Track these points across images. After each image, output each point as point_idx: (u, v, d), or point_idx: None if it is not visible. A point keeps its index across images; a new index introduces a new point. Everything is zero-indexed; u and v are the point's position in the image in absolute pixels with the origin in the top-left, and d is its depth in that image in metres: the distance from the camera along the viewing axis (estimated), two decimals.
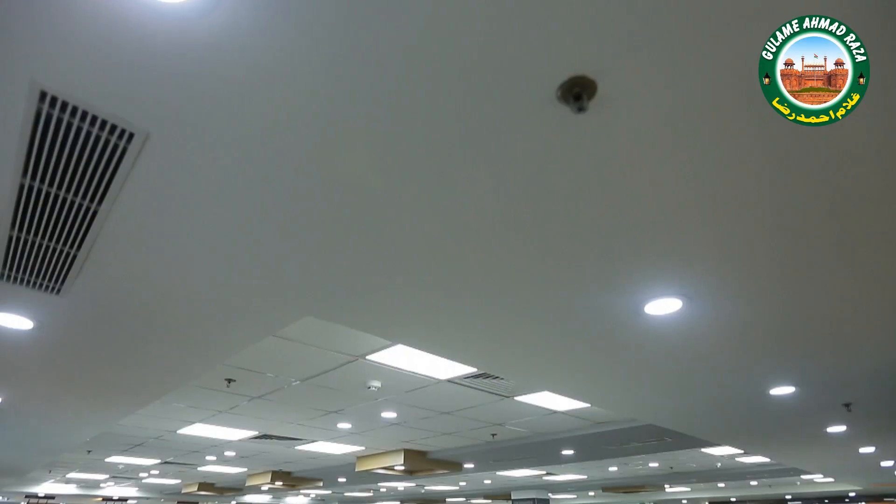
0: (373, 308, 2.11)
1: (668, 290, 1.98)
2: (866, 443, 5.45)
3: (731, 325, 2.29)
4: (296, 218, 1.55)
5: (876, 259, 1.78)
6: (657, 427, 4.77)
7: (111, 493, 14.72)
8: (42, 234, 1.69)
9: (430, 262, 1.78)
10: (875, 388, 3.36)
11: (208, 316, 2.24)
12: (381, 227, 1.59)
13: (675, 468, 9.02)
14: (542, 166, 1.34)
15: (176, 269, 1.88)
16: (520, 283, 1.92)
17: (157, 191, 1.47)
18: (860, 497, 12.62)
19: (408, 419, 5.26)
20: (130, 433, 6.32)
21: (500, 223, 1.56)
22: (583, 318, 2.23)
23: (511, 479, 10.15)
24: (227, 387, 4.13)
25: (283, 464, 8.80)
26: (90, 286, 2.00)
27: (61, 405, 3.80)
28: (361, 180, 1.40)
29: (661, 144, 1.27)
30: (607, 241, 1.65)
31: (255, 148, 1.29)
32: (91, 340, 2.55)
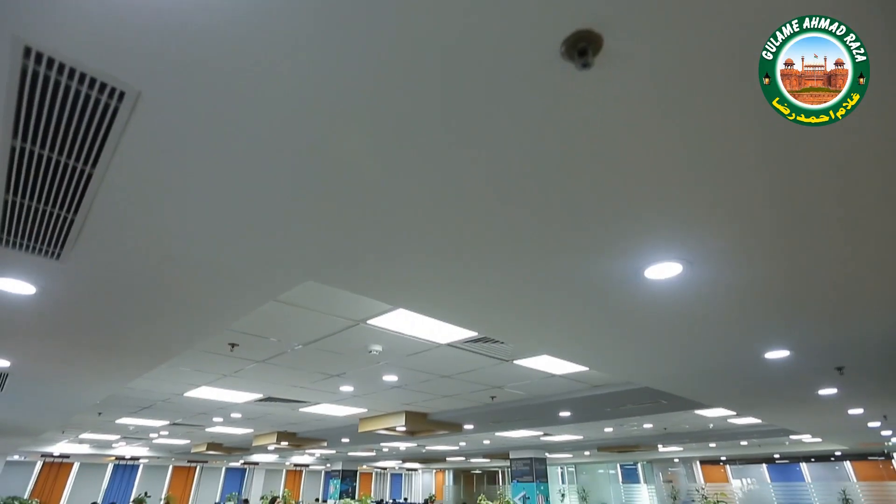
0: (373, 272, 2.11)
1: (669, 255, 1.97)
2: (855, 405, 5.59)
3: (730, 290, 2.30)
4: (295, 182, 1.53)
5: (877, 224, 1.76)
6: (653, 390, 4.89)
7: (123, 453, 15.27)
8: (38, 199, 1.67)
9: (430, 227, 1.77)
10: (868, 353, 3.42)
11: (210, 282, 2.24)
12: (380, 192, 1.57)
13: (668, 429, 9.30)
14: (542, 127, 1.31)
15: (176, 235, 1.87)
16: (520, 248, 1.91)
17: (151, 154, 1.44)
18: (845, 456, 13.08)
19: (409, 382, 5.38)
20: (138, 396, 6.49)
21: (499, 186, 1.54)
22: (583, 283, 2.23)
23: (509, 440, 10.48)
24: (230, 351, 4.20)
25: (288, 425, 9.08)
26: (90, 252, 2.00)
27: (68, 369, 3.87)
28: (360, 146, 1.37)
29: (664, 104, 1.24)
30: (608, 205, 1.64)
31: (252, 110, 1.26)
32: (93, 306, 2.57)
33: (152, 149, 1.42)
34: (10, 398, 5.16)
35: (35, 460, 15.05)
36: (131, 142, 1.39)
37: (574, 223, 1.74)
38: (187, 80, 1.18)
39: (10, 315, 2.71)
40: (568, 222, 1.73)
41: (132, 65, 1.15)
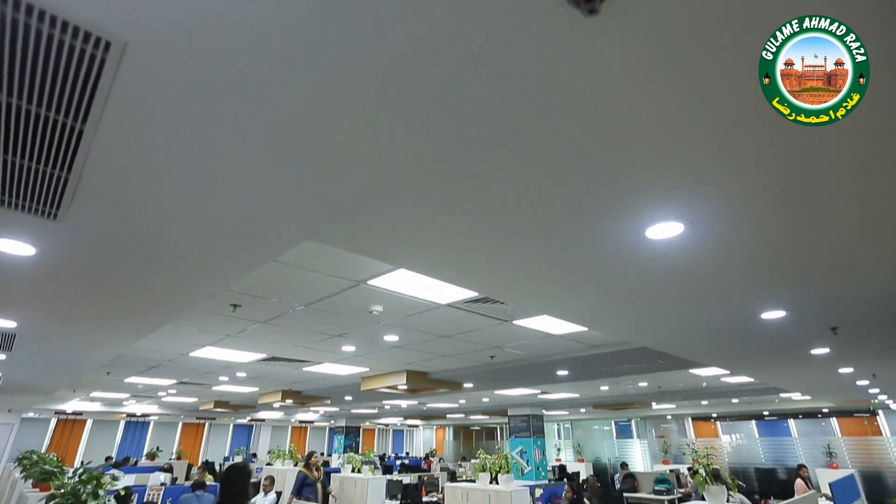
0: (373, 232, 2.10)
1: (670, 214, 1.96)
2: (846, 364, 5.71)
3: (730, 250, 2.30)
4: (293, 140, 1.49)
5: (880, 187, 1.74)
6: (649, 349, 4.98)
7: (134, 411, 15.78)
8: (29, 157, 1.63)
9: (430, 185, 1.74)
10: (862, 313, 3.46)
11: (209, 242, 2.24)
12: (378, 148, 1.53)
13: (662, 387, 9.56)
14: (543, 79, 1.26)
15: (172, 195, 1.85)
16: (521, 207, 1.90)
17: (142, 110, 1.40)
18: (832, 413, 13.51)
19: (409, 342, 5.48)
20: (145, 356, 6.63)
21: (499, 142, 1.51)
22: (584, 243, 2.23)
23: (508, 398, 10.80)
24: (233, 312, 4.25)
25: (293, 383, 9.33)
26: (86, 212, 1.98)
27: (74, 329, 3.93)
28: (361, 105, 1.32)
29: (669, 58, 1.19)
30: (610, 163, 1.61)
31: (246, 62, 1.21)
32: (93, 266, 2.57)
33: (143, 105, 1.38)
34: (19, 358, 5.28)
35: (49, 417, 15.58)
36: (120, 96, 1.35)
37: (576, 181, 1.71)
38: (175, 30, 1.13)
39: (12, 276, 2.72)
40: (570, 179, 1.71)
41: (117, 13, 1.10)
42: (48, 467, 4.80)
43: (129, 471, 10.15)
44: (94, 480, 3.13)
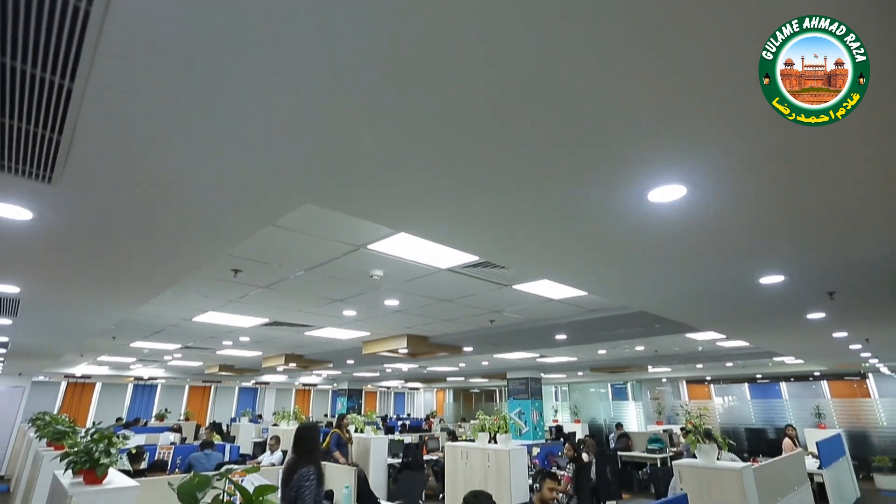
0: (372, 195, 2.08)
1: (673, 177, 1.93)
2: (841, 328, 5.80)
3: (732, 213, 2.28)
4: (290, 99, 1.45)
5: (883, 150, 1.70)
6: (647, 314, 5.04)
7: (141, 374, 16.15)
8: (18, 117, 1.59)
9: (429, 149, 1.71)
10: (860, 278, 3.48)
11: (206, 206, 2.22)
12: (377, 110, 1.49)
13: (659, 351, 9.73)
14: (543, 41, 1.21)
15: (166, 157, 1.82)
16: (522, 170, 1.87)
17: (132, 68, 1.35)
18: (823, 376, 13.84)
19: (410, 307, 5.53)
20: (149, 321, 6.71)
21: (499, 105, 1.47)
22: (586, 207, 2.21)
23: (507, 361, 11.01)
24: (234, 277, 4.27)
25: (295, 347, 9.49)
26: (81, 176, 1.95)
27: (76, 294, 3.96)
28: (361, 60, 1.28)
29: (669, 17, 1.14)
30: (612, 125, 1.57)
31: (239, 9, 1.16)
32: (91, 231, 2.56)
33: (132, 62, 1.33)
34: (25, 323, 5.35)
35: (59, 381, 15.97)
36: (108, 52, 1.30)
37: (578, 146, 1.68)
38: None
39: (12, 241, 2.72)
40: (572, 145, 1.67)
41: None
42: (61, 427, 4.94)
43: (140, 431, 10.49)
44: (106, 439, 3.22)
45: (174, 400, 18.19)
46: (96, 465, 3.07)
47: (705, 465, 4.41)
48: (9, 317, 4.99)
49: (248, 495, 1.51)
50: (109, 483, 3.08)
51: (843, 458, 8.78)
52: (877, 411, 12.51)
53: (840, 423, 12.40)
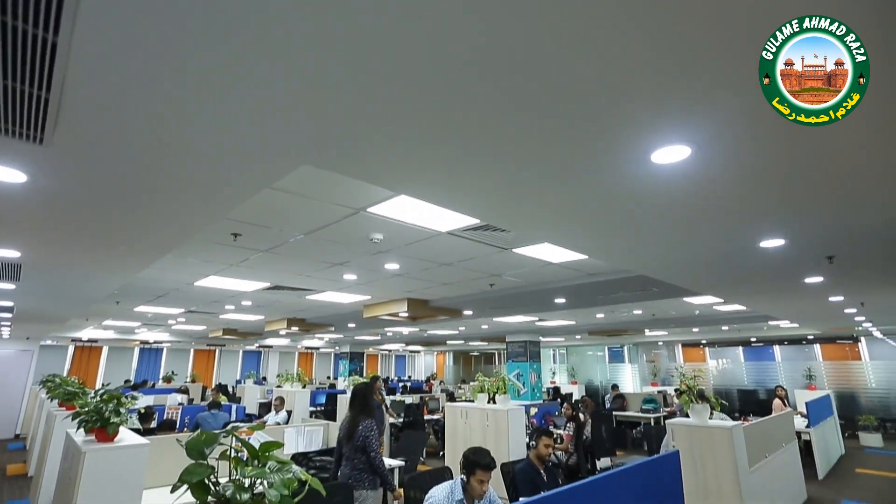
0: (371, 157, 2.04)
1: (677, 137, 1.89)
2: (837, 292, 5.84)
3: (735, 174, 2.25)
4: (285, 59, 1.40)
5: (887, 113, 1.66)
6: (646, 278, 5.07)
7: (147, 338, 16.43)
8: (3, 75, 1.54)
9: (428, 109, 1.66)
10: (859, 242, 3.47)
11: (202, 168, 2.18)
12: (375, 66, 1.44)
13: (656, 315, 9.86)
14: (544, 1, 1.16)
15: (161, 118, 1.77)
16: (524, 131, 1.83)
17: (119, 21, 1.29)
18: (816, 339, 14.10)
19: (410, 270, 5.56)
20: (151, 285, 6.77)
21: (501, 64, 1.41)
22: (589, 168, 2.18)
23: (506, 324, 11.18)
24: (234, 241, 4.27)
25: (297, 311, 9.61)
26: (73, 135, 1.91)
27: (76, 258, 3.96)
28: (354, 14, 1.22)
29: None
30: (615, 86, 1.52)
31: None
32: (86, 194, 2.53)
33: (119, 13, 1.27)
34: (28, 288, 5.38)
35: (67, 345, 16.29)
36: (92, 5, 1.24)
37: (580, 104, 1.63)
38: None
39: (8, 205, 2.69)
40: (575, 104, 1.62)
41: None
42: (71, 388, 5.07)
43: (148, 392, 10.78)
44: (115, 399, 3.30)
45: (180, 363, 18.61)
46: (107, 423, 3.17)
47: (697, 423, 4.55)
48: (11, 281, 5.02)
49: (254, 450, 1.56)
50: (121, 441, 3.18)
51: (831, 417, 9.06)
52: (866, 373, 12.83)
53: (830, 385, 12.73)
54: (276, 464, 1.54)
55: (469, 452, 2.90)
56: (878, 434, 10.44)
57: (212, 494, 1.47)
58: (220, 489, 1.47)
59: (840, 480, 7.23)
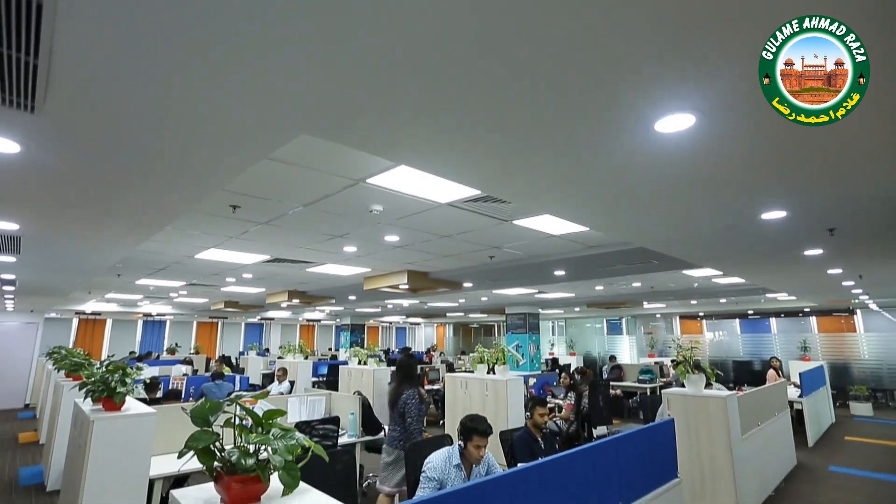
0: (370, 125, 2.00)
1: (682, 105, 1.85)
2: (836, 265, 5.86)
3: (741, 144, 2.22)
4: (283, 27, 1.35)
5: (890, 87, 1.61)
6: (646, 250, 5.07)
7: (150, 311, 16.58)
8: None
9: (427, 77, 1.61)
10: (860, 215, 3.46)
11: (198, 138, 2.14)
12: (374, 33, 1.39)
13: (655, 287, 9.92)
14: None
15: (155, 86, 1.72)
16: (526, 101, 1.78)
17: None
18: (812, 312, 14.24)
19: (410, 242, 5.56)
20: (152, 258, 6.78)
21: (501, 31, 1.36)
22: (592, 138, 2.14)
23: (506, 297, 11.26)
24: (233, 213, 4.25)
25: (298, 284, 9.66)
26: (64, 104, 1.87)
27: (75, 230, 3.95)
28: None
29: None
30: (618, 53, 1.47)
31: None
32: (81, 166, 2.50)
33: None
34: (29, 260, 5.39)
35: (70, 317, 16.46)
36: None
37: (582, 72, 1.58)
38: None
39: (3, 176, 2.66)
40: (578, 71, 1.58)
41: None
42: (76, 359, 5.14)
43: (153, 363, 10.95)
44: (120, 370, 3.35)
45: (183, 335, 18.85)
46: (113, 393, 3.23)
47: (693, 393, 4.64)
48: (11, 254, 5.02)
49: (257, 418, 1.59)
50: (128, 410, 3.25)
51: (823, 387, 9.24)
52: (860, 345, 13.01)
53: (824, 356, 12.94)
54: (279, 431, 1.57)
55: (466, 419, 2.97)
56: (869, 403, 10.68)
57: (217, 460, 1.51)
58: (225, 455, 1.50)
59: (829, 447, 7.43)
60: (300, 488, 1.56)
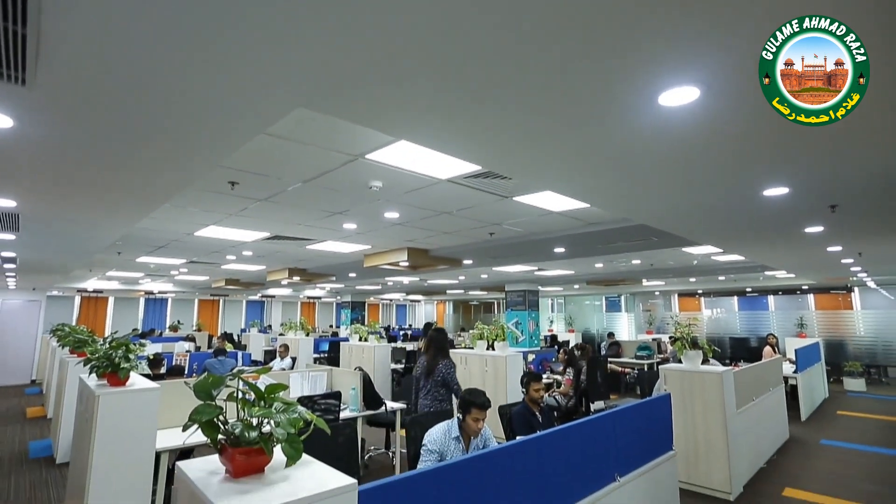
0: (368, 98, 1.97)
1: (686, 78, 1.81)
2: (836, 242, 5.85)
3: (745, 118, 2.18)
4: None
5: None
6: (646, 227, 5.05)
7: (151, 289, 16.66)
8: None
9: (426, 47, 1.57)
10: (862, 191, 3.43)
11: (193, 112, 2.10)
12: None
13: (654, 265, 9.94)
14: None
15: (147, 58, 1.68)
16: (528, 75, 1.74)
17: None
18: (811, 290, 14.31)
19: (410, 219, 5.54)
20: (152, 236, 6.77)
21: (505, 4, 1.32)
22: (595, 112, 2.10)
23: (506, 274, 11.30)
24: (231, 190, 4.22)
25: (298, 261, 9.67)
26: (56, 77, 1.83)
27: (72, 207, 3.93)
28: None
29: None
30: (622, 23, 1.43)
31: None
32: (76, 141, 2.47)
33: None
34: (28, 238, 5.38)
35: (73, 295, 16.56)
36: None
37: (587, 44, 1.54)
38: None
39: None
40: (580, 43, 1.54)
41: None
42: (80, 336, 5.19)
43: (156, 340, 11.07)
44: (124, 346, 3.39)
45: (185, 313, 18.99)
46: (117, 368, 3.27)
47: (689, 369, 4.70)
48: (11, 232, 5.00)
49: (259, 392, 1.61)
50: (132, 385, 3.30)
51: (818, 363, 9.37)
52: (856, 322, 13.13)
53: (820, 333, 13.07)
54: (281, 405, 1.60)
55: (465, 393, 3.02)
56: (862, 379, 10.84)
57: (221, 433, 1.54)
58: (228, 427, 1.53)
59: (821, 421, 7.58)
60: (303, 460, 1.60)
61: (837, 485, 4.70)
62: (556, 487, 2.32)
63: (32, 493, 4.63)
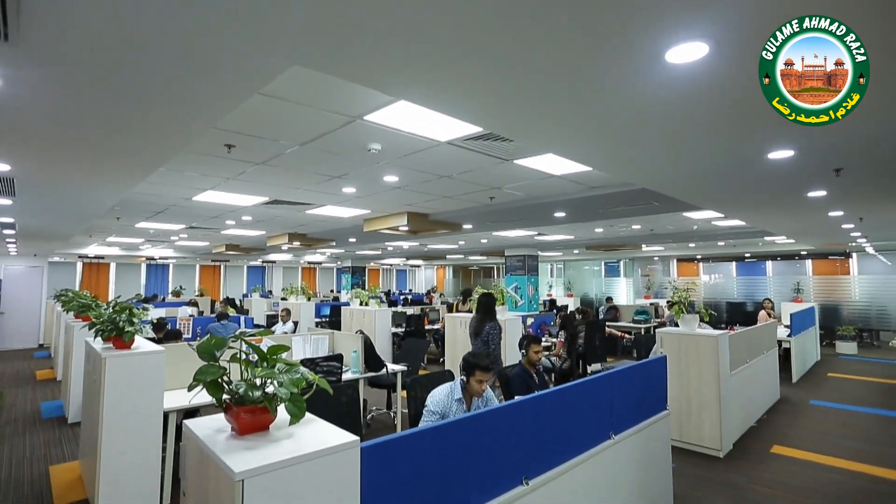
0: (365, 54, 1.90)
1: (695, 32, 1.73)
2: (837, 207, 5.81)
3: (752, 78, 2.11)
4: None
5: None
6: (647, 191, 5.01)
7: (152, 254, 16.71)
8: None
9: (429, 7, 1.50)
10: (867, 154, 3.37)
11: (184, 70, 2.04)
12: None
13: (654, 230, 9.92)
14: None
15: (136, 10, 1.61)
16: (529, 29, 1.67)
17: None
18: (809, 255, 14.36)
19: (409, 183, 5.48)
20: (150, 201, 6.72)
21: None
22: (598, 69, 2.03)
23: (505, 239, 11.30)
24: (228, 153, 4.15)
25: (298, 226, 9.65)
26: (39, 31, 1.76)
27: (67, 171, 3.87)
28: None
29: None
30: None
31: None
32: (64, 101, 2.40)
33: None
34: (25, 203, 5.34)
35: (74, 261, 16.63)
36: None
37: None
38: None
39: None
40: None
41: None
42: (84, 301, 5.24)
43: (159, 305, 11.19)
44: (127, 310, 3.42)
45: (187, 278, 19.13)
46: (122, 332, 3.32)
47: (686, 332, 4.77)
48: (7, 196, 4.96)
49: (262, 353, 1.64)
50: (138, 348, 3.36)
51: (812, 327, 9.51)
52: (852, 287, 13.25)
53: (816, 298, 13.20)
54: (283, 366, 1.62)
55: (469, 356, 3.08)
56: (854, 343, 11.05)
57: (226, 392, 1.57)
58: (233, 387, 1.56)
59: (812, 383, 7.77)
60: (306, 418, 1.64)
61: (823, 442, 4.87)
62: (552, 445, 2.40)
63: (47, 450, 4.80)
